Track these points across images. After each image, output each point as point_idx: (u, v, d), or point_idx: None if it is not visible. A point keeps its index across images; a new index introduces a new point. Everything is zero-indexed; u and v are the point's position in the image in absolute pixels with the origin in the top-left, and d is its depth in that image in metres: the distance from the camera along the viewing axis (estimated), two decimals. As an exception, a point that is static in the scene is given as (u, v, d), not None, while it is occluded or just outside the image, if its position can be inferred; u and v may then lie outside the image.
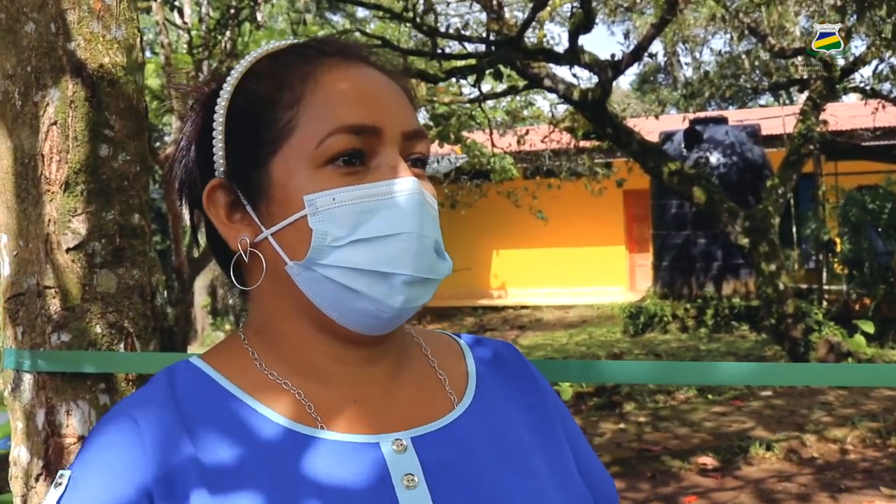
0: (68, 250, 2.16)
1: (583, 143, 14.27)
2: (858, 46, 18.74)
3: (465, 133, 14.17)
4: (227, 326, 22.25)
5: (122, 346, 2.20)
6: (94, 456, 0.96)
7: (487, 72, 10.30)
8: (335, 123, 0.98)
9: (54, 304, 2.16)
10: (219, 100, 1.05)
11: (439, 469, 0.98)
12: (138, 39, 2.28)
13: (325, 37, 1.09)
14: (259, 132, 1.01)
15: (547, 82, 10.24)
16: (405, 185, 0.98)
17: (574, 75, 11.16)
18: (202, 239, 1.13)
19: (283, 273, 1.00)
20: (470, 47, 11.66)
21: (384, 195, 0.97)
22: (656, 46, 20.59)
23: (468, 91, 13.15)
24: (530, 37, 11.43)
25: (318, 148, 0.98)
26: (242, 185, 1.02)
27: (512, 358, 1.17)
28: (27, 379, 2.19)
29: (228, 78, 1.06)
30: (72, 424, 2.16)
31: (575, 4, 10.63)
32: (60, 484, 0.95)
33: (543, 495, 1.01)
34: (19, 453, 2.20)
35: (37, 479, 2.16)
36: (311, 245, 0.97)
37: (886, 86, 12.70)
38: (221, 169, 1.04)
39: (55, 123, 2.16)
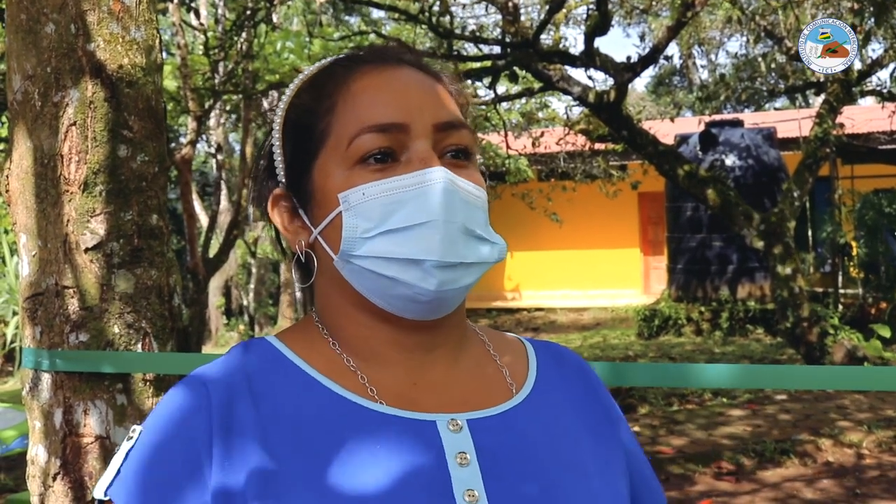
0: (87, 250, 2.16)
1: (598, 146, 14.24)
2: (876, 49, 18.67)
3: (480, 135, 14.15)
4: (241, 327, 22.31)
5: (139, 346, 2.20)
6: (164, 414, 1.03)
7: (503, 74, 10.29)
8: (362, 124, 1.03)
9: (73, 304, 2.16)
10: (275, 116, 1.13)
11: (492, 452, 1.02)
12: (157, 41, 2.29)
13: (370, 46, 1.15)
14: (304, 141, 1.09)
15: (562, 84, 10.22)
16: (431, 175, 1.02)
17: (589, 77, 11.11)
18: (218, 239, 1.17)
19: (333, 268, 1.06)
20: (485, 49, 11.66)
21: (410, 186, 1.02)
22: (672, 49, 20.55)
23: (483, 93, 13.14)
24: (546, 39, 11.42)
25: (349, 149, 1.04)
26: (296, 193, 1.10)
27: (574, 363, 1.21)
28: (45, 378, 2.20)
29: (284, 94, 1.14)
30: (89, 424, 2.17)
31: (591, 7, 10.62)
32: (132, 437, 1.03)
33: (592, 495, 1.05)
34: (37, 452, 2.21)
35: (54, 479, 2.16)
36: (342, 237, 1.03)
37: (904, 89, 12.63)
38: (282, 179, 1.12)
39: (74, 124, 2.17)
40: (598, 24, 9.57)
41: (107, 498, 1.01)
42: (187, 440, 1.00)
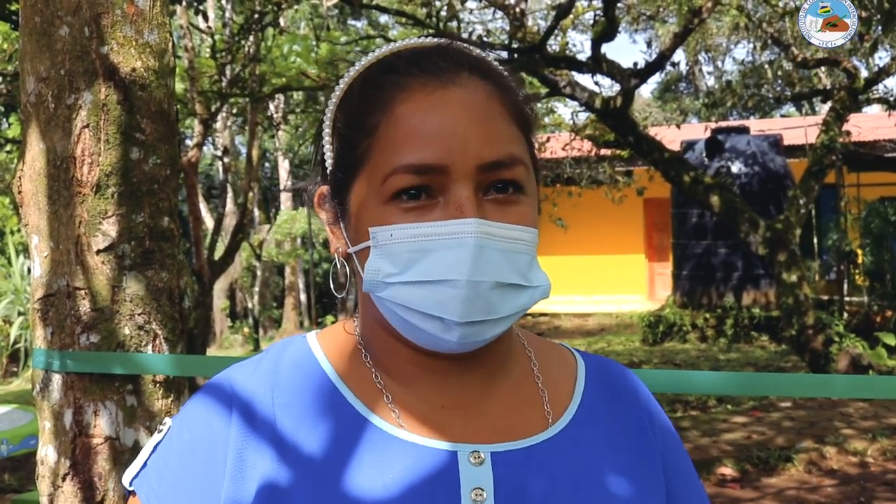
0: (98, 252, 2.18)
1: (603, 152, 14.25)
2: (883, 57, 18.66)
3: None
4: (246, 329, 22.33)
5: (150, 347, 2.21)
6: (190, 415, 1.05)
7: (509, 79, 10.28)
8: (399, 162, 0.97)
9: (84, 306, 2.17)
10: (327, 111, 1.07)
11: (512, 489, 0.97)
12: (170, 44, 2.30)
13: (431, 46, 1.05)
14: (346, 156, 1.03)
15: (568, 90, 10.23)
16: (462, 227, 0.95)
17: (596, 83, 11.14)
18: (223, 242, 1.14)
19: None
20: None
21: (439, 236, 0.95)
22: (678, 55, 20.54)
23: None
24: (552, 44, 11.43)
25: (383, 185, 0.97)
26: (338, 200, 1.05)
27: (626, 383, 1.15)
28: (56, 379, 2.21)
29: (336, 90, 1.07)
30: (99, 425, 2.18)
31: (598, 13, 10.63)
32: (161, 431, 1.06)
33: None
34: (46, 453, 2.22)
35: (64, 479, 2.17)
36: (363, 279, 0.99)
37: (910, 97, 12.61)
38: (329, 178, 1.07)
39: (87, 126, 2.18)
40: (605, 30, 9.58)
41: (132, 488, 1.03)
42: (208, 445, 1.00)
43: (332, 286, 1.11)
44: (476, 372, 1.05)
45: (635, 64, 10.27)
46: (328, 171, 1.06)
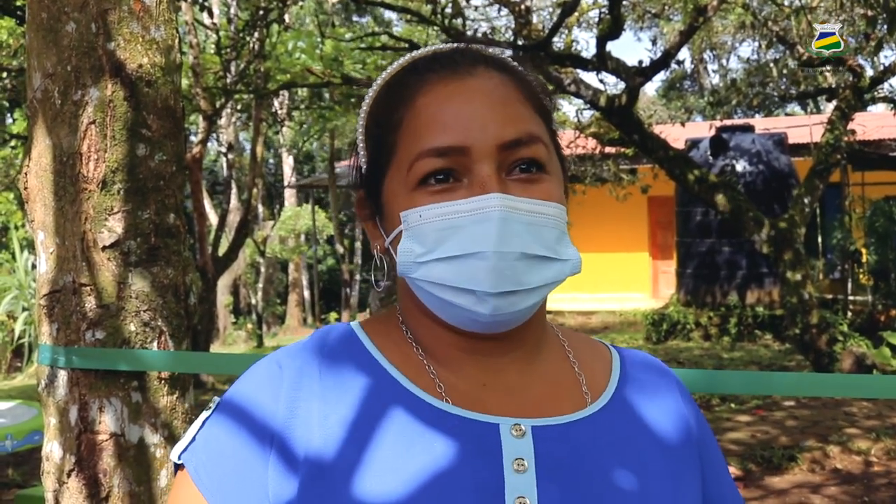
0: (104, 248, 2.17)
1: (608, 149, 14.24)
2: (888, 56, 18.65)
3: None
4: (249, 325, 22.33)
5: (155, 344, 2.21)
6: (240, 390, 1.09)
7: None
8: (421, 148, 1.03)
9: (90, 302, 2.17)
10: (359, 119, 1.14)
11: (552, 461, 1.01)
12: (176, 40, 2.30)
13: (451, 48, 1.12)
14: (377, 153, 1.09)
15: (573, 88, 10.22)
16: (486, 202, 1.00)
17: (601, 81, 11.12)
18: (227, 238, 1.19)
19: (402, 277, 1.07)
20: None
21: (465, 213, 1.00)
22: (684, 53, 20.52)
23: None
24: (558, 42, 11.42)
25: (410, 172, 1.04)
26: (373, 199, 1.12)
27: (661, 375, 1.18)
28: (61, 375, 2.21)
29: (365, 99, 1.13)
30: (104, 421, 2.18)
31: (603, 10, 10.62)
32: (210, 408, 1.10)
33: None
34: (52, 449, 2.22)
35: (69, 475, 2.17)
36: (397, 261, 1.04)
37: (916, 96, 12.58)
38: (364, 180, 1.14)
39: (93, 122, 2.18)
40: (610, 28, 9.57)
41: (180, 462, 1.06)
42: (257, 418, 1.04)
43: (373, 281, 1.14)
44: (514, 354, 1.09)
45: (640, 62, 10.25)
46: (363, 175, 1.12)
